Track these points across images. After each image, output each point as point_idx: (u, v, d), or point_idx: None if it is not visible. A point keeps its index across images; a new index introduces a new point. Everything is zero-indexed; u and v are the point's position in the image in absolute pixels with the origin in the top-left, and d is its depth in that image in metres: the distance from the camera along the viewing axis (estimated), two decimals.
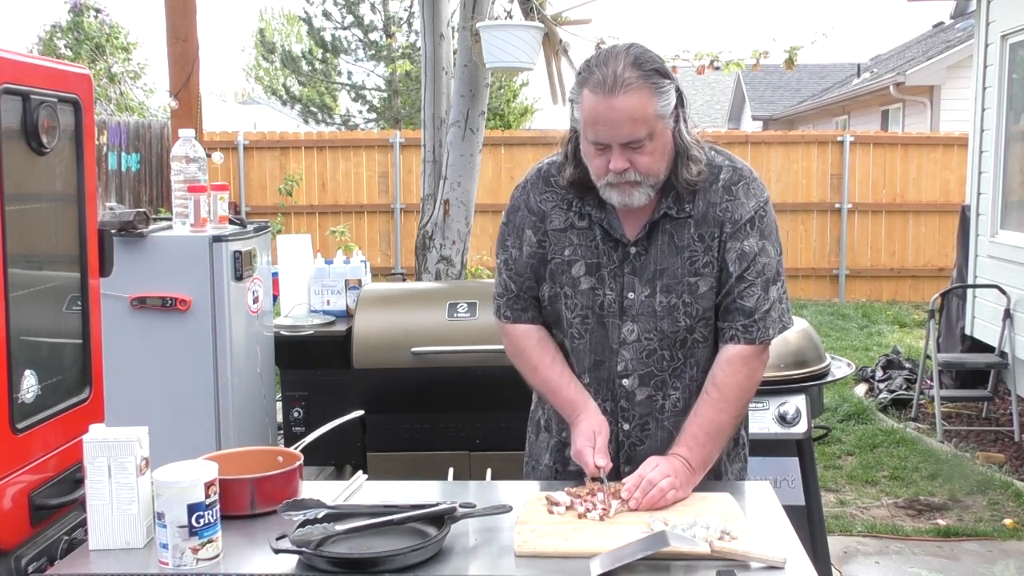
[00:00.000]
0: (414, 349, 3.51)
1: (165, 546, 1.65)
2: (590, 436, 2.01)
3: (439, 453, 3.53)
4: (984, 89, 7.08)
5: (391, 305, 3.74)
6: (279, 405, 3.86)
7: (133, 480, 1.73)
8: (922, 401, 6.70)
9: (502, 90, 19.78)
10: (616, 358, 2.07)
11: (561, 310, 2.10)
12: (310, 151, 11.83)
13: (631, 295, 2.04)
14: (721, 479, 2.15)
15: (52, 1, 28.79)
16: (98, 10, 16.45)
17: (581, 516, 1.85)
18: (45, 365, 1.91)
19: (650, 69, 1.90)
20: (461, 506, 1.78)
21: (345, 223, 10.40)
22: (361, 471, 2.23)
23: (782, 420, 3.23)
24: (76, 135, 1.99)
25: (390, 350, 3.53)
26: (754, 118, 23.29)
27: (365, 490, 2.07)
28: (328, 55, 20.40)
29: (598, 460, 1.97)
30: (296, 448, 2.07)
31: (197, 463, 1.74)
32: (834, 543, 4.07)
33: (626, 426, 2.10)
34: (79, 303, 2.03)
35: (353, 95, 21.07)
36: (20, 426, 1.79)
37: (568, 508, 1.88)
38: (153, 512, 1.69)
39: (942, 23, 18.23)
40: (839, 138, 11.76)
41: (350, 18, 19.86)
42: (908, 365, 7.41)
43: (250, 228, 3.38)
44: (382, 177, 11.74)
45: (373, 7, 19.80)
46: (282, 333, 3.65)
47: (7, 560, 1.74)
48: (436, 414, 3.60)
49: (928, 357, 6.50)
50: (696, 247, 2.02)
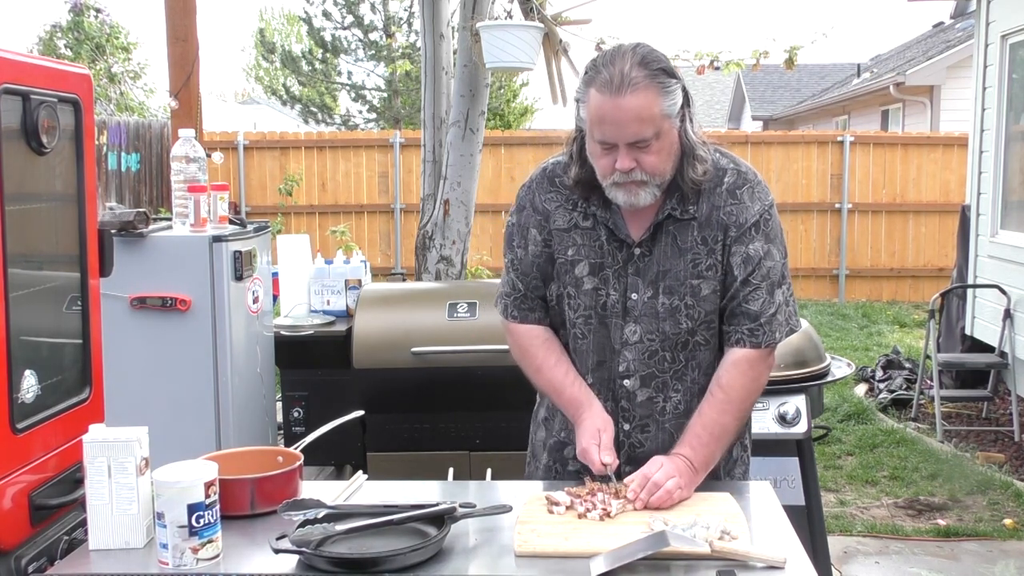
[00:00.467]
0: (414, 349, 3.51)
1: (165, 546, 1.66)
2: (595, 434, 2.01)
3: (439, 453, 3.53)
4: (984, 89, 7.07)
5: (391, 305, 3.74)
6: (279, 405, 3.86)
7: (133, 480, 1.73)
8: (922, 401, 6.70)
9: (502, 90, 19.78)
10: (618, 358, 2.07)
11: (564, 310, 2.10)
12: (310, 151, 11.83)
13: (634, 296, 2.04)
14: (721, 479, 2.14)
15: (52, 1, 28.81)
16: (98, 10, 16.45)
17: (581, 516, 1.85)
18: (45, 365, 1.90)
19: (657, 69, 1.90)
20: (461, 506, 1.78)
21: (345, 223, 10.39)
22: (361, 471, 2.23)
23: (782, 420, 3.23)
24: (76, 135, 1.99)
25: (390, 350, 3.53)
26: (754, 118, 23.29)
27: (365, 490, 2.07)
28: (328, 55, 20.40)
29: (604, 457, 1.97)
30: (296, 448, 2.07)
31: (197, 463, 1.74)
32: (834, 543, 4.07)
33: (627, 426, 2.10)
34: (79, 303, 2.03)
35: (353, 95, 21.08)
36: (20, 426, 1.79)
37: (568, 508, 1.88)
38: (153, 512, 1.69)
39: (942, 23, 18.24)
40: (839, 138, 11.76)
41: (350, 18, 19.86)
42: (908, 365, 7.41)
43: (250, 228, 3.38)
44: (382, 177, 11.74)
45: (373, 7, 19.80)
46: (282, 333, 3.65)
47: (7, 560, 1.74)
48: (436, 414, 3.60)
49: (928, 357, 6.50)
50: (699, 250, 2.02)
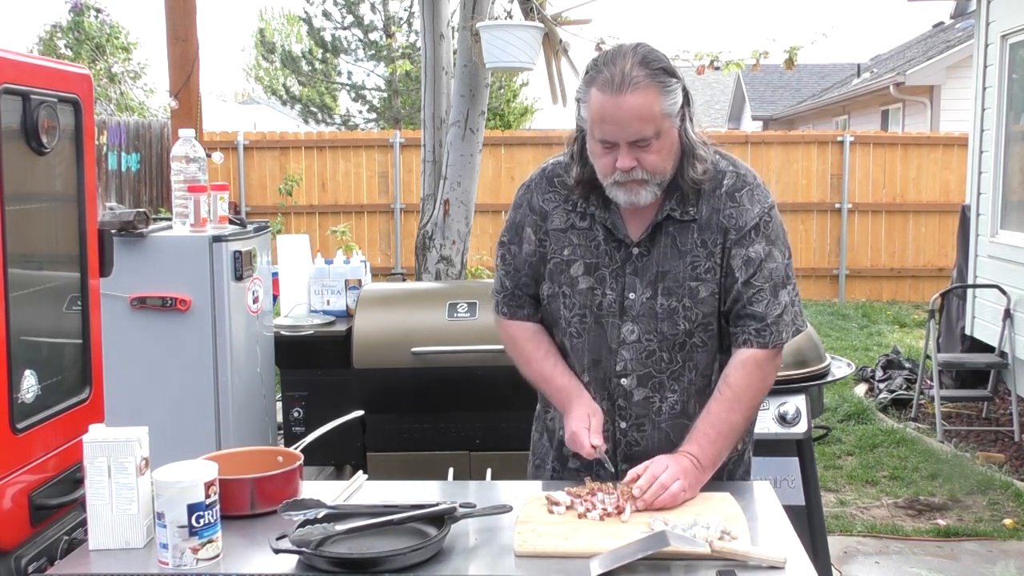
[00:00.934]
0: (414, 349, 3.51)
1: (165, 546, 1.66)
2: (584, 418, 2.03)
3: (439, 453, 3.53)
4: (984, 89, 7.07)
5: (391, 305, 3.74)
6: (279, 405, 3.86)
7: (133, 480, 1.73)
8: (922, 401, 6.70)
9: (502, 90, 19.79)
10: (615, 358, 2.07)
11: (559, 309, 2.11)
12: (310, 151, 11.82)
13: (632, 295, 2.04)
14: (723, 479, 2.14)
15: (52, 1, 28.82)
16: (98, 10, 16.43)
17: (581, 516, 1.85)
18: (45, 365, 1.91)
19: (657, 68, 1.91)
20: (461, 506, 1.78)
21: (345, 223, 10.39)
22: (361, 471, 2.23)
23: (782, 420, 3.23)
24: (76, 135, 1.99)
25: (390, 350, 3.53)
26: (754, 118, 23.29)
27: (365, 490, 2.07)
28: (328, 55, 20.40)
29: (594, 440, 1.99)
30: (296, 448, 2.07)
31: (197, 463, 1.74)
32: (834, 543, 4.07)
33: (623, 425, 2.10)
34: (79, 303, 2.03)
35: (353, 95, 21.08)
36: (20, 426, 1.79)
37: (568, 508, 1.88)
38: (153, 512, 1.69)
39: (942, 23, 18.24)
40: (839, 138, 11.76)
41: (350, 18, 19.86)
42: (908, 365, 7.41)
43: (250, 228, 3.38)
44: (382, 177, 11.74)
45: (373, 7, 19.80)
46: (282, 333, 3.65)
47: (7, 560, 1.74)
48: (436, 414, 3.60)
49: (928, 357, 6.50)
50: (698, 252, 2.03)
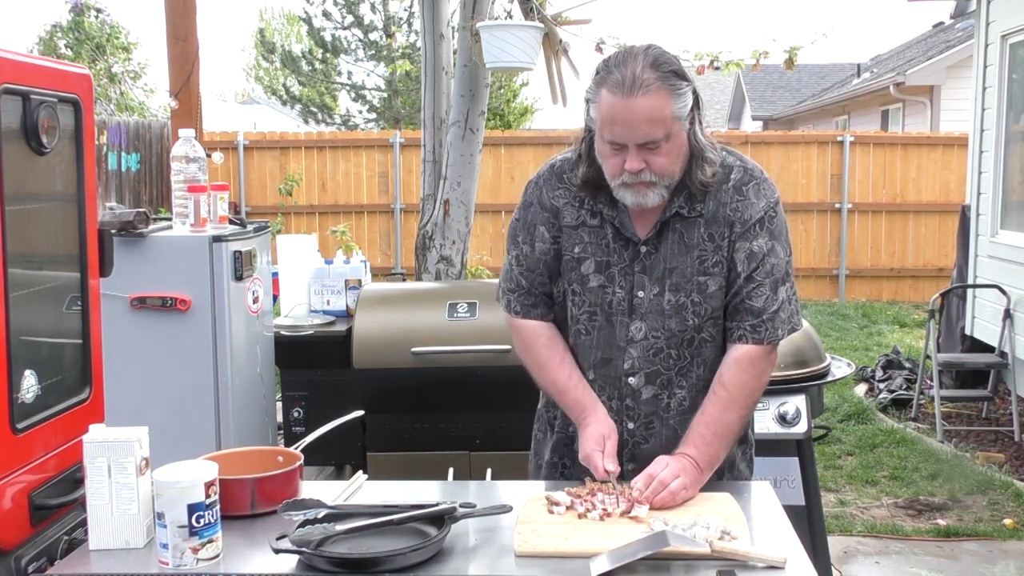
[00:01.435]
0: (414, 349, 3.51)
1: (165, 546, 1.66)
2: (599, 440, 2.02)
3: (439, 453, 3.53)
4: (984, 89, 7.07)
5: (391, 305, 3.74)
6: (279, 405, 3.86)
7: (133, 480, 1.73)
8: (922, 401, 6.70)
9: (502, 90, 19.79)
10: (623, 356, 2.07)
11: (568, 306, 2.11)
12: (310, 151, 11.83)
13: (640, 293, 2.05)
14: (723, 478, 2.14)
15: (52, 1, 28.79)
16: (98, 10, 16.42)
17: (581, 516, 1.85)
18: (45, 365, 1.91)
19: (668, 71, 1.91)
20: (461, 506, 1.78)
21: (345, 223, 10.38)
22: (361, 471, 2.23)
23: (782, 420, 3.23)
24: (76, 135, 1.99)
25: (390, 350, 3.53)
26: (754, 118, 23.29)
27: (365, 490, 2.07)
28: (328, 55, 20.40)
29: (608, 465, 1.98)
30: (296, 448, 2.07)
31: (197, 463, 1.74)
32: (834, 543, 4.07)
33: (631, 425, 2.10)
34: (79, 303, 2.03)
35: (353, 95, 21.07)
36: (20, 426, 1.79)
37: (568, 508, 1.88)
38: (153, 512, 1.69)
39: (942, 23, 18.24)
40: (839, 138, 11.77)
41: (350, 18, 19.85)
42: (908, 365, 7.41)
43: (250, 228, 3.38)
44: (382, 177, 11.74)
45: (373, 7, 19.80)
46: (282, 333, 3.65)
47: (7, 560, 1.74)
48: (436, 414, 3.60)
49: (928, 357, 6.50)
50: (706, 246, 2.03)
